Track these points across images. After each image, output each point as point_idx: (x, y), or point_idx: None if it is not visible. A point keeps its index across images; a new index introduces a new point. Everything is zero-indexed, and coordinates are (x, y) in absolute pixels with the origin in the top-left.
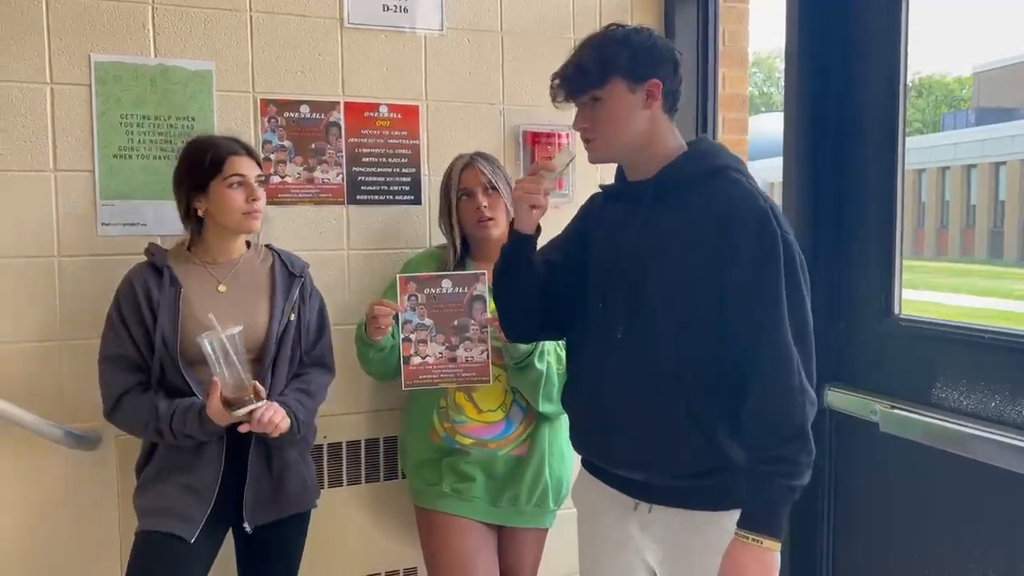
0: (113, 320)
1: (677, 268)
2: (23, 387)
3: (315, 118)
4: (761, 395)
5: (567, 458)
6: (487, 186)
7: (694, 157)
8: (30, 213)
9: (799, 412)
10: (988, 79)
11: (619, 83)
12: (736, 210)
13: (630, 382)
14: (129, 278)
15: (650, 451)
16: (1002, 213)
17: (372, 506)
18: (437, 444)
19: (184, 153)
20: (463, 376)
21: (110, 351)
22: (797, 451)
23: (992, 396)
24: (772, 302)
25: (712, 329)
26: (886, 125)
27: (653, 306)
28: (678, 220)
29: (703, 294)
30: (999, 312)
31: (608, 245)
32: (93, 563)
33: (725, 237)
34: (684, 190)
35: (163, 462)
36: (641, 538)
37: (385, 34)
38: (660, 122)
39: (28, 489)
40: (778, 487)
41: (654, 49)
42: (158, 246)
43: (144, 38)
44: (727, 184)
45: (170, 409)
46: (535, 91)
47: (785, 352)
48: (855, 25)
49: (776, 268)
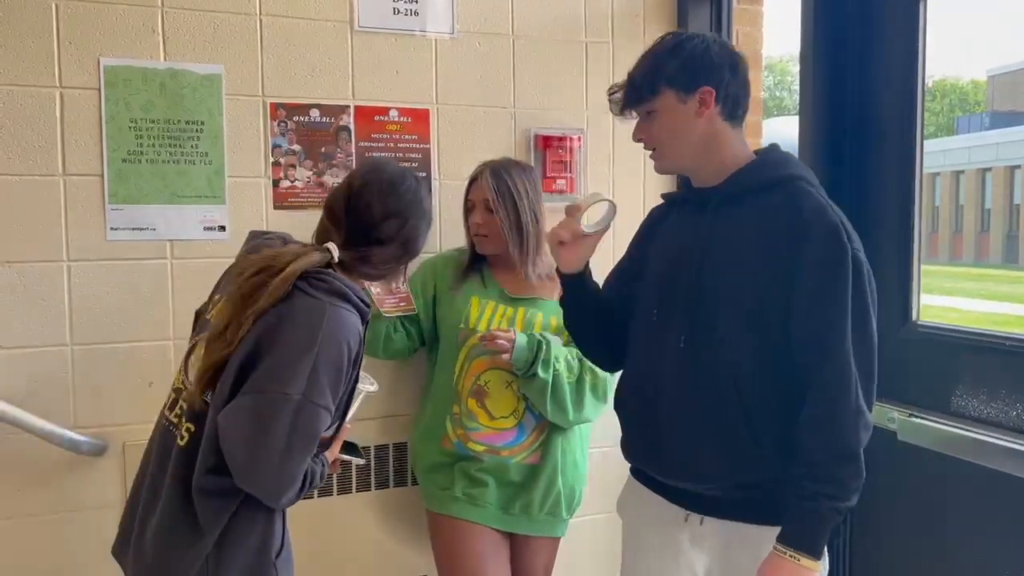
0: (334, 382)
1: (740, 277)
2: (31, 392)
3: (325, 122)
4: (816, 413)
5: (581, 467)
6: (485, 203)
7: (764, 165)
8: (39, 217)
9: (852, 435)
10: (1002, 82)
11: (669, 94)
12: (806, 222)
13: (688, 391)
14: (357, 329)
15: (704, 461)
16: (1017, 217)
17: (382, 513)
18: (449, 450)
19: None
20: (401, 306)
21: (327, 422)
22: (846, 474)
23: (1013, 405)
24: (836, 319)
25: (774, 341)
26: (903, 129)
27: (715, 314)
28: (744, 229)
29: (767, 305)
30: (1015, 317)
31: (668, 252)
32: (98, 570)
33: (793, 249)
34: (751, 198)
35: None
36: (692, 550)
37: (395, 37)
38: (720, 129)
39: (34, 495)
40: (823, 508)
41: (705, 56)
42: (355, 285)
43: (153, 42)
44: (798, 195)
45: (318, 467)
46: (546, 94)
47: (845, 371)
48: (872, 27)
49: (843, 284)
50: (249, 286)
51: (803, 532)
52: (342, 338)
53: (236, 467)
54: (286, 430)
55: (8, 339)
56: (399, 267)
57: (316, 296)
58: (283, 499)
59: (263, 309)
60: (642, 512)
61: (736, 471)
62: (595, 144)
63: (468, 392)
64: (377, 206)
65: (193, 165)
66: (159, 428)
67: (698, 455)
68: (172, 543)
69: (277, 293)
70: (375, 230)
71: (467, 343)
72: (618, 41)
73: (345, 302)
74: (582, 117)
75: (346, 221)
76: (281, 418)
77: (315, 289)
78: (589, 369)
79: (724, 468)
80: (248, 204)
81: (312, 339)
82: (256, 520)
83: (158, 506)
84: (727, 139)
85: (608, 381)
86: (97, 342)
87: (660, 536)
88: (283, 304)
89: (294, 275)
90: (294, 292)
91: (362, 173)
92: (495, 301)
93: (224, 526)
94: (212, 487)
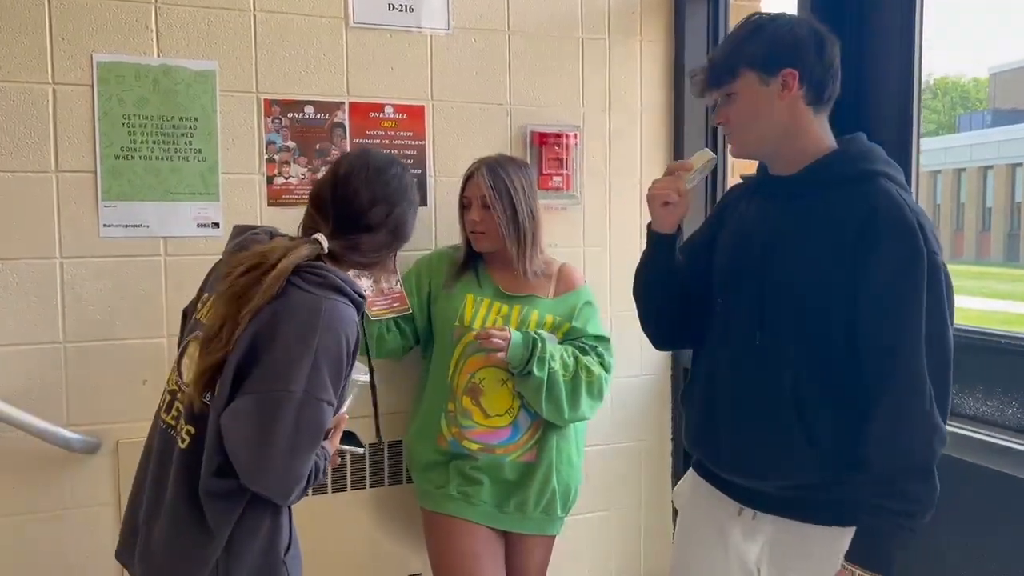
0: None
1: (806, 274)
2: (24, 390)
3: (319, 118)
4: (887, 423)
5: (576, 465)
6: (482, 200)
7: (845, 157)
8: (31, 214)
9: (926, 448)
10: (1004, 80)
11: (750, 75)
12: (881, 220)
13: (748, 385)
14: (354, 322)
15: (757, 458)
16: (1019, 216)
17: (376, 511)
18: (444, 448)
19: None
20: (393, 306)
21: (330, 415)
22: (920, 491)
23: (1009, 403)
24: (910, 325)
25: (837, 343)
26: (900, 126)
27: (777, 310)
28: (814, 223)
29: (832, 305)
30: (1016, 316)
31: (736, 239)
32: (92, 568)
33: (865, 248)
34: (826, 191)
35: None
36: (744, 544)
37: (391, 33)
38: (803, 114)
39: (27, 493)
40: (892, 525)
41: (788, 36)
42: (350, 278)
43: (147, 38)
44: (876, 191)
45: (321, 461)
46: (542, 91)
47: (918, 380)
48: (868, 24)
49: (918, 288)
50: (241, 284)
51: (874, 552)
52: (340, 331)
53: (242, 468)
54: (291, 427)
55: (0, 336)
56: (389, 254)
57: (311, 291)
58: (291, 496)
59: (258, 307)
60: (697, 503)
61: (790, 471)
62: (591, 141)
63: (463, 390)
64: (364, 193)
65: (187, 162)
66: (156, 431)
67: (752, 451)
68: (181, 546)
69: (271, 290)
70: (363, 217)
71: (462, 341)
72: (614, 37)
73: (340, 295)
74: (578, 114)
75: (333, 210)
76: (285, 416)
77: (309, 284)
78: (585, 367)
79: (778, 466)
80: (242, 201)
81: (311, 334)
82: (263, 519)
83: (163, 509)
84: (809, 125)
85: (604, 379)
86: (90, 339)
87: (713, 527)
88: (278, 301)
89: (287, 271)
90: (288, 288)
91: (347, 161)
92: (490, 299)
93: (239, 528)
94: (219, 489)
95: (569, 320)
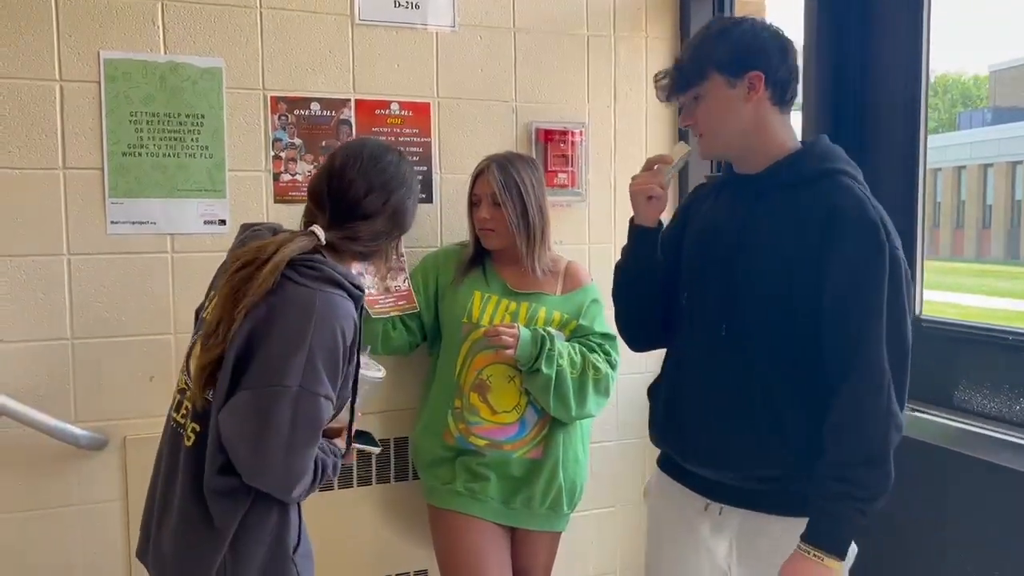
0: (332, 370)
1: (772, 269)
2: (31, 386)
3: (326, 115)
4: (846, 411)
5: (582, 462)
6: (492, 197)
7: (808, 156)
8: (39, 211)
9: (882, 437)
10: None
11: (717, 78)
12: (842, 217)
13: (717, 378)
14: (350, 314)
15: (726, 449)
16: (1019, 213)
17: (382, 507)
18: (451, 444)
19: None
20: (399, 304)
21: (330, 411)
22: (874, 477)
23: (1017, 399)
24: (871, 316)
25: (803, 335)
26: (907, 124)
27: (744, 305)
28: (780, 220)
29: (797, 299)
30: (1016, 313)
31: (703, 236)
32: (100, 564)
33: (828, 242)
34: (791, 189)
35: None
36: (713, 539)
37: (396, 30)
38: (768, 115)
39: (34, 489)
40: (848, 509)
41: (753, 40)
42: (346, 270)
43: (154, 35)
44: (838, 189)
45: (329, 458)
46: (548, 88)
47: (878, 370)
48: (875, 21)
49: (879, 282)
50: (237, 280)
51: (827, 532)
52: (335, 324)
53: (241, 464)
54: (287, 422)
55: (8, 333)
56: (390, 244)
57: (305, 284)
58: (294, 492)
59: (253, 302)
60: (665, 502)
61: (758, 463)
62: (597, 138)
63: (470, 386)
64: (359, 181)
65: (193, 159)
66: (167, 430)
67: (719, 443)
68: (189, 543)
69: (265, 284)
70: (359, 205)
71: (469, 337)
72: (620, 35)
73: (336, 287)
74: (584, 111)
75: (329, 201)
76: (281, 411)
77: (304, 277)
78: (592, 365)
79: (746, 459)
80: (249, 198)
81: (304, 328)
82: (270, 516)
83: (173, 507)
84: (775, 125)
85: (611, 377)
86: (97, 336)
87: (682, 525)
88: (273, 295)
89: (281, 264)
90: (283, 282)
91: (342, 151)
92: (498, 296)
93: (244, 525)
94: (222, 487)
95: (576, 318)
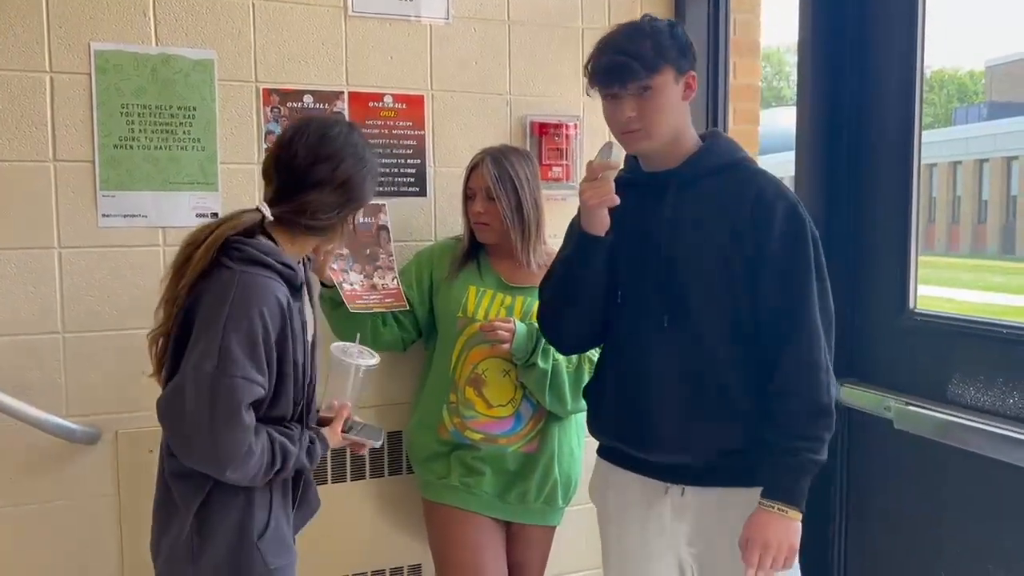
0: (250, 350)
1: (709, 256)
2: (22, 380)
3: (319, 108)
4: (791, 376)
5: (577, 456)
6: (486, 191)
7: (718, 149)
8: (29, 204)
9: (826, 392)
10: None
11: (669, 73)
12: (769, 201)
13: (671, 367)
14: (273, 294)
15: (690, 434)
16: (1014, 208)
17: (376, 502)
18: (446, 438)
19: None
20: (385, 301)
21: (252, 392)
22: (822, 428)
23: (1011, 392)
24: (803, 284)
25: (743, 313)
26: (902, 119)
27: (687, 293)
28: (707, 210)
29: (735, 280)
30: (1011, 308)
31: (631, 234)
32: (92, 559)
33: (758, 220)
34: (708, 180)
35: (277, 509)
36: (673, 522)
37: (390, 22)
38: (687, 113)
39: (26, 483)
40: (803, 460)
41: (689, 41)
42: (279, 250)
43: (145, 26)
44: (754, 176)
45: (296, 446)
46: (542, 81)
47: (814, 332)
48: (870, 16)
49: (807, 253)
50: (179, 261)
51: (785, 486)
52: (252, 305)
53: (173, 446)
54: (204, 405)
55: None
56: (344, 217)
57: (229, 265)
58: (231, 473)
59: (189, 283)
60: (619, 493)
61: (718, 440)
62: (591, 131)
63: (465, 380)
64: (304, 151)
65: (185, 151)
66: None
67: (685, 429)
68: (162, 524)
69: (200, 264)
70: (306, 176)
71: (464, 332)
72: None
73: (260, 267)
74: (578, 104)
75: (276, 173)
76: (198, 393)
77: (231, 259)
78: (588, 359)
79: (705, 439)
80: (241, 191)
81: (220, 311)
82: (234, 501)
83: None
84: (688, 123)
85: None
86: (89, 330)
87: (642, 512)
88: (205, 280)
89: (215, 244)
90: (217, 266)
91: (291, 126)
92: (492, 290)
93: (203, 508)
94: (177, 469)
95: None
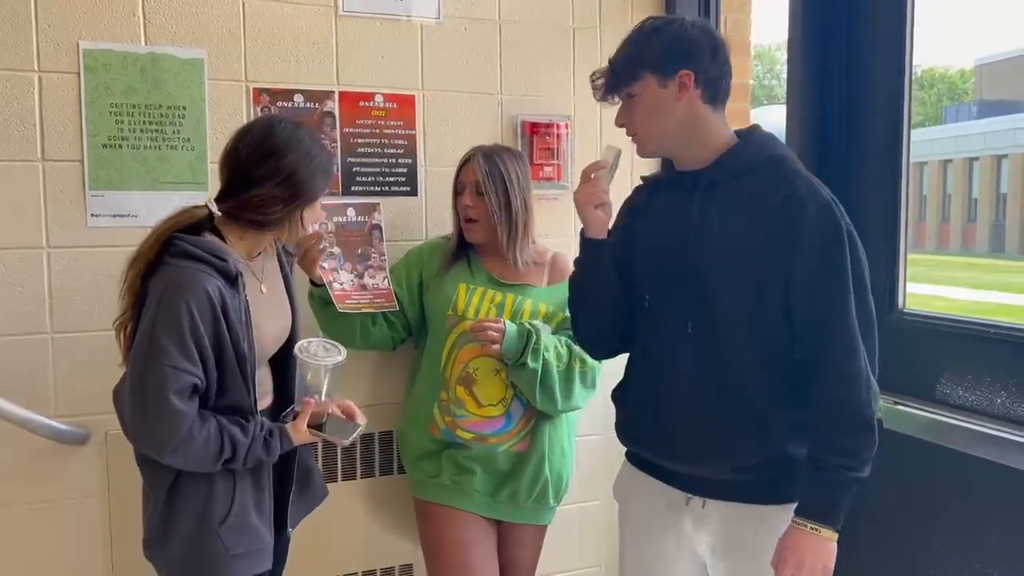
0: (177, 339)
1: (737, 259)
2: (10, 381)
3: (309, 107)
4: (830, 385)
5: (568, 455)
6: (476, 186)
7: (749, 147)
8: (17, 203)
9: (867, 406)
10: (991, 71)
11: (649, 78)
12: (800, 202)
13: (697, 375)
14: (201, 286)
15: (713, 445)
16: (1004, 207)
17: (368, 501)
18: (437, 437)
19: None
20: (375, 302)
21: (180, 379)
22: (862, 443)
23: (998, 392)
24: (840, 296)
25: (779, 318)
26: (891, 117)
27: (715, 298)
28: (736, 211)
29: (766, 285)
30: (1001, 306)
31: (658, 237)
32: (81, 560)
33: (791, 225)
34: (739, 180)
35: (242, 497)
36: (694, 532)
37: (380, 22)
38: (701, 112)
39: (15, 484)
40: (842, 478)
41: (684, 39)
42: (214, 243)
43: (134, 25)
44: (788, 176)
45: (247, 437)
46: (534, 80)
47: (854, 342)
48: (860, 15)
49: (844, 259)
50: (133, 255)
51: (821, 504)
52: (178, 296)
53: (123, 431)
54: (137, 392)
55: None
56: (292, 211)
57: (167, 260)
58: (169, 457)
59: (135, 276)
60: (642, 498)
61: (741, 454)
62: (582, 130)
63: (456, 379)
64: (248, 149)
65: (175, 151)
66: None
67: (704, 440)
68: (144, 508)
69: (145, 258)
70: (250, 172)
71: (455, 330)
72: (606, 27)
73: (192, 261)
74: (569, 103)
75: (224, 172)
76: (131, 382)
77: (170, 254)
78: (578, 357)
79: (729, 452)
80: None
81: (152, 303)
82: (199, 488)
83: None
84: (709, 122)
85: (597, 369)
86: (77, 330)
87: (661, 520)
88: (151, 276)
89: (159, 239)
90: (161, 260)
91: (241, 127)
92: (483, 287)
93: (171, 493)
94: (140, 454)
95: (563, 310)
